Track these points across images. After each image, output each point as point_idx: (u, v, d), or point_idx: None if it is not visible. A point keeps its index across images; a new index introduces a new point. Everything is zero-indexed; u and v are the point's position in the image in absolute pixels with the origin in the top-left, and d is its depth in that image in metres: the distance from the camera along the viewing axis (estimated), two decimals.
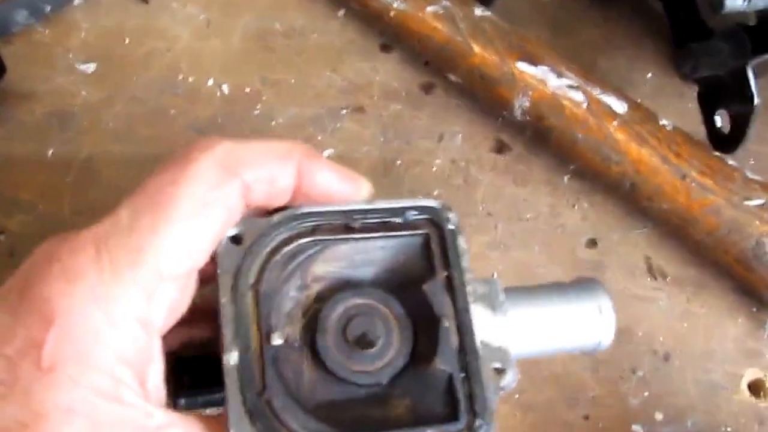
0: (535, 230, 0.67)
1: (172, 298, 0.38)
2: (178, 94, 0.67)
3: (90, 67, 0.67)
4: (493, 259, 0.65)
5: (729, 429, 0.62)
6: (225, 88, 0.68)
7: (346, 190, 0.43)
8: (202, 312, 0.43)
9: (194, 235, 0.38)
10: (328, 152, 0.67)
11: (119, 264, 0.36)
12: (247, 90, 0.68)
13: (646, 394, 0.62)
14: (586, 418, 0.61)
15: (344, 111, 0.69)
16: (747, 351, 0.65)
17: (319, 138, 0.67)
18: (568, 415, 0.61)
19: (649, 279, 0.66)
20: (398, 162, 0.67)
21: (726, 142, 0.62)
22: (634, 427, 0.61)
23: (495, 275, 0.64)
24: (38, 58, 0.66)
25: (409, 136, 0.69)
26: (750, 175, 0.62)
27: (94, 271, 0.36)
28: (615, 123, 0.62)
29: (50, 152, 0.63)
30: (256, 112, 0.68)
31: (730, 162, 0.63)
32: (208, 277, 0.41)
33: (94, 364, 0.35)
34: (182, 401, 0.48)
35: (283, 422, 0.36)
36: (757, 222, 0.60)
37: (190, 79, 0.67)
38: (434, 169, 0.68)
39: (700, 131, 0.65)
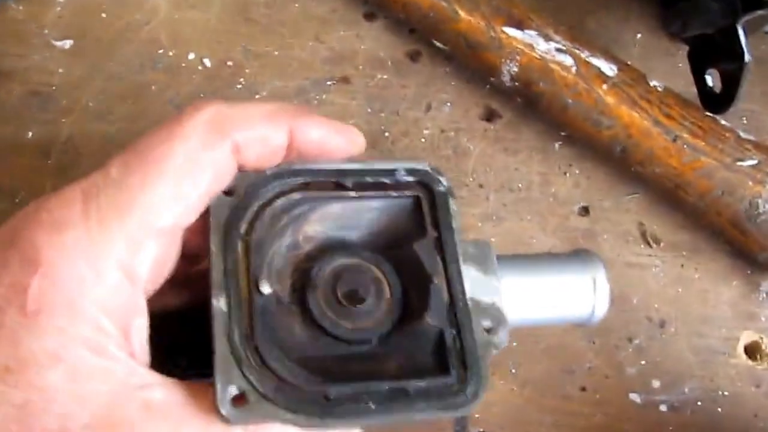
0: (528, 200, 0.69)
1: (157, 254, 0.39)
2: (159, 69, 0.69)
3: (66, 44, 0.69)
4: (486, 231, 0.68)
5: (726, 393, 0.64)
6: (207, 61, 0.69)
7: (340, 143, 0.45)
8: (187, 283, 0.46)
9: (183, 192, 0.40)
10: None
11: (107, 216, 0.38)
12: (230, 63, 0.70)
13: (642, 362, 0.64)
14: (584, 389, 0.63)
15: (329, 82, 0.71)
16: (742, 314, 0.67)
17: None
18: (566, 387, 0.63)
19: (642, 245, 0.69)
20: (386, 133, 0.69)
21: (717, 102, 0.64)
22: (632, 395, 0.63)
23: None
24: (13, 36, 0.68)
25: (397, 106, 0.71)
26: (743, 135, 0.65)
27: (82, 222, 0.38)
28: (605, 86, 0.64)
29: (30, 134, 0.65)
30: (239, 86, 0.69)
31: (723, 122, 0.65)
32: (194, 251, 0.43)
33: (78, 313, 0.37)
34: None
35: (270, 368, 0.39)
36: (750, 183, 0.63)
37: (171, 54, 0.69)
38: (423, 139, 0.70)
39: (691, 92, 0.67)
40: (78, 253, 0.37)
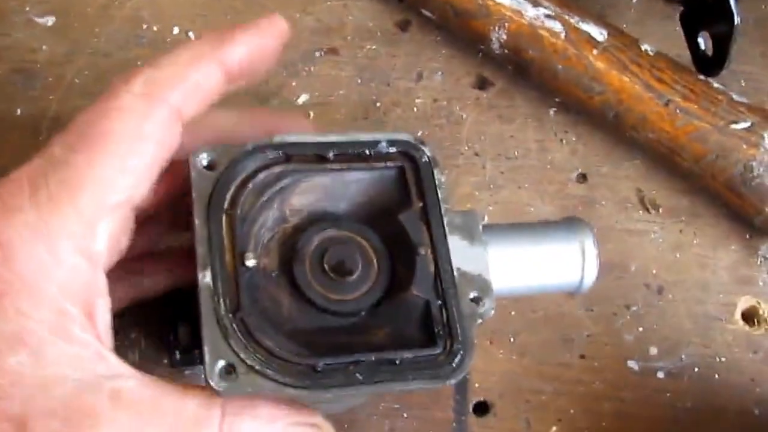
0: (524, 167, 0.72)
1: (112, 231, 0.41)
2: (143, 44, 0.72)
3: (49, 21, 0.71)
4: (484, 200, 0.71)
5: (723, 359, 0.67)
6: (191, 35, 0.72)
7: (268, 42, 0.47)
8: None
9: (129, 166, 0.42)
10: (303, 98, 0.72)
11: (57, 198, 0.40)
12: None
13: (640, 329, 0.68)
14: (582, 357, 0.67)
15: (318, 54, 0.73)
16: (740, 279, 0.70)
17: (293, 84, 0.72)
18: (564, 356, 0.66)
19: (641, 211, 0.72)
20: (378, 104, 0.72)
21: (710, 65, 0.67)
22: (629, 363, 0.67)
23: (486, 218, 0.69)
24: None
25: (387, 76, 0.74)
26: (736, 97, 0.68)
27: (32, 206, 0.39)
28: (595, 51, 0.67)
29: (18, 111, 0.68)
30: None
31: (716, 85, 0.68)
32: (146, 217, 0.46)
33: (40, 296, 0.38)
34: (178, 355, 0.54)
35: (258, 341, 0.42)
36: (744, 146, 0.66)
37: (155, 29, 0.72)
38: (415, 109, 0.73)
39: (687, 55, 0.70)
40: (33, 238, 0.39)
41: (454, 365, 0.44)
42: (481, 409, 0.64)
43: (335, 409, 0.60)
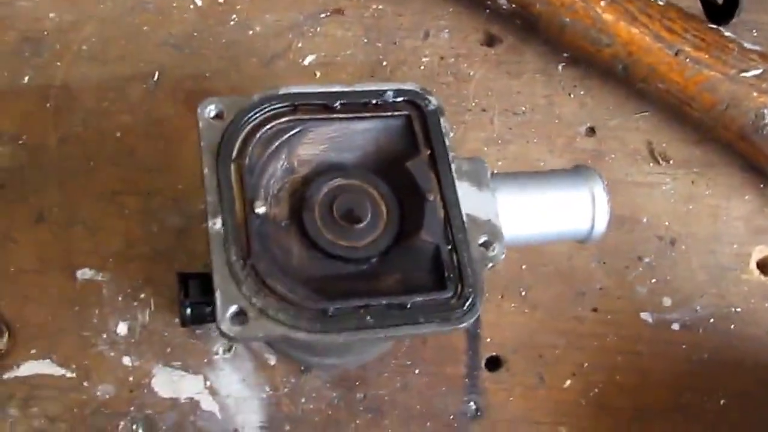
0: (533, 122, 0.72)
1: None
2: (149, 9, 0.72)
3: None
4: (492, 154, 0.70)
5: (738, 310, 0.67)
6: (198, 2, 0.72)
7: None
8: None
9: None
10: (309, 58, 0.71)
11: None
12: (221, 0, 0.72)
13: (653, 281, 0.68)
14: (595, 310, 0.66)
15: (323, 15, 0.73)
16: (755, 229, 0.70)
17: (300, 45, 0.72)
18: (577, 309, 0.66)
19: (651, 164, 0.71)
20: (384, 63, 0.72)
21: (721, 14, 0.67)
22: (643, 315, 0.66)
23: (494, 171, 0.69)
24: None
25: (394, 35, 0.74)
26: (749, 45, 0.67)
27: None
28: (602, 3, 0.66)
29: (26, 79, 0.68)
30: (232, 22, 0.72)
31: (727, 34, 0.67)
32: None
33: None
34: (189, 312, 0.54)
35: (270, 287, 0.42)
36: (755, 93, 0.65)
37: None
38: (422, 67, 0.73)
39: (698, 5, 0.69)
40: None
41: (465, 308, 0.44)
42: (494, 364, 0.64)
43: (346, 363, 0.60)
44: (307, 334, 0.42)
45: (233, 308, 0.41)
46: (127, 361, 0.60)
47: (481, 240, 0.47)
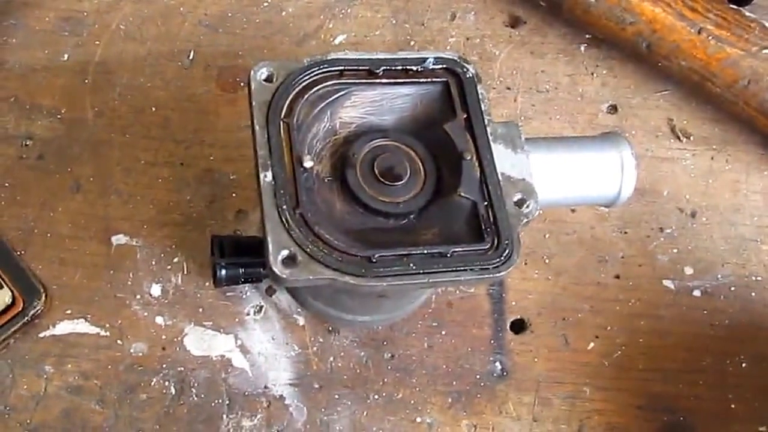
0: (555, 100, 0.74)
1: None
2: None
3: None
4: None
5: (759, 278, 0.69)
6: None
7: None
8: None
9: None
10: (340, 38, 0.74)
11: None
12: None
13: (674, 250, 0.70)
14: (617, 277, 0.68)
15: None
16: None
17: (331, 25, 0.75)
18: (599, 276, 0.68)
19: (672, 140, 0.73)
20: (412, 42, 0.75)
21: None
22: (665, 282, 0.68)
23: None
24: None
25: (422, 16, 0.76)
26: None
27: None
28: None
29: (65, 57, 0.71)
30: (266, 4, 0.75)
31: (747, 14, 0.69)
32: None
33: None
34: (223, 272, 0.57)
35: (316, 234, 0.45)
36: None
37: None
38: (449, 47, 0.75)
39: None
40: None
41: (502, 258, 0.46)
42: (519, 326, 0.66)
43: (374, 322, 0.62)
44: (354, 278, 0.44)
45: (284, 252, 0.44)
46: (160, 320, 0.63)
47: (516, 198, 0.49)
